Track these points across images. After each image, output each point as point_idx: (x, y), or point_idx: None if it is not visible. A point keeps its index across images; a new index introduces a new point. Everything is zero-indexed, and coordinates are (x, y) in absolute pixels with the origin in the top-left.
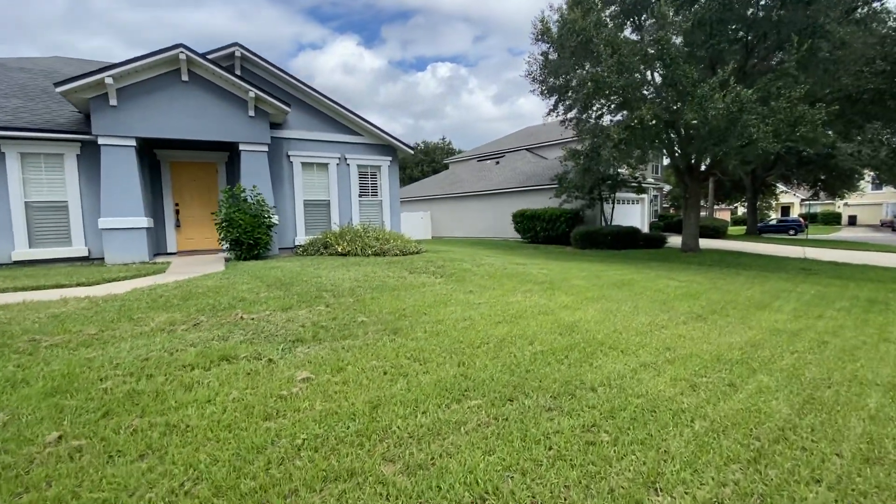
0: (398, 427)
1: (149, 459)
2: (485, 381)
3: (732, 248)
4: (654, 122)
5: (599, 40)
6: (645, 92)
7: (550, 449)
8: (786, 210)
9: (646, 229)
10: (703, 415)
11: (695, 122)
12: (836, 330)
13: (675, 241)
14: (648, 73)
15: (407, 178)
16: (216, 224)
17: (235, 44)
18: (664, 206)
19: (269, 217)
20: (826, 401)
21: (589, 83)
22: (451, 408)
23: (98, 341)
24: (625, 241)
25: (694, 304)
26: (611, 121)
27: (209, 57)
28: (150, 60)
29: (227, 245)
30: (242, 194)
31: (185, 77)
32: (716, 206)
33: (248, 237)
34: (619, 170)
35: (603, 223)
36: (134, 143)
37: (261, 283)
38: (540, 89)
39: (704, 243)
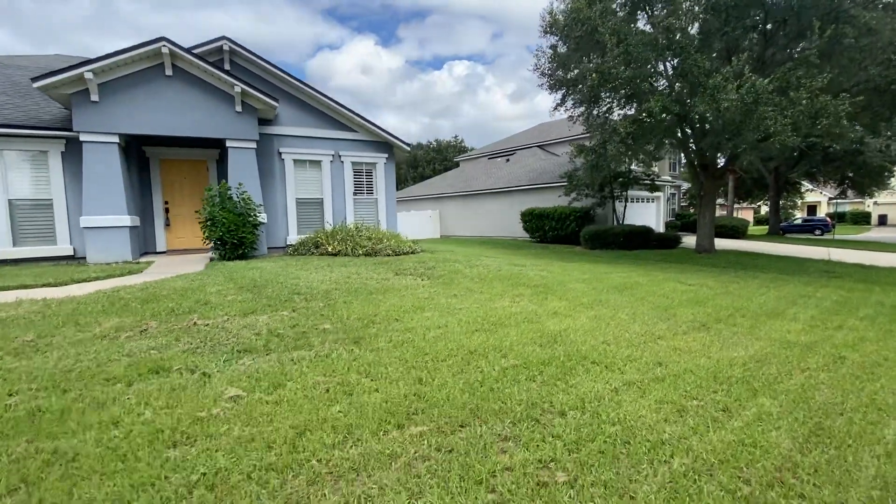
0: (319, 460)
1: (15, 497)
2: (439, 401)
3: (751, 248)
4: (664, 115)
5: (605, 30)
6: (656, 84)
7: (492, 492)
8: (812, 209)
9: (661, 229)
10: (686, 448)
11: (708, 114)
12: (856, 343)
13: (690, 241)
14: (660, 63)
15: (419, 175)
16: (200, 223)
17: (223, 37)
18: (682, 204)
19: (256, 216)
20: (836, 432)
21: (594, 75)
22: (389, 435)
23: (30, 349)
24: (637, 242)
25: (699, 312)
26: (619, 115)
27: (196, 51)
28: (131, 54)
29: (213, 244)
30: (229, 192)
31: (168, 72)
32: (736, 205)
33: (232, 236)
34: (630, 167)
35: (614, 222)
36: (117, 139)
37: (232, 285)
38: (548, 83)
39: (722, 243)
